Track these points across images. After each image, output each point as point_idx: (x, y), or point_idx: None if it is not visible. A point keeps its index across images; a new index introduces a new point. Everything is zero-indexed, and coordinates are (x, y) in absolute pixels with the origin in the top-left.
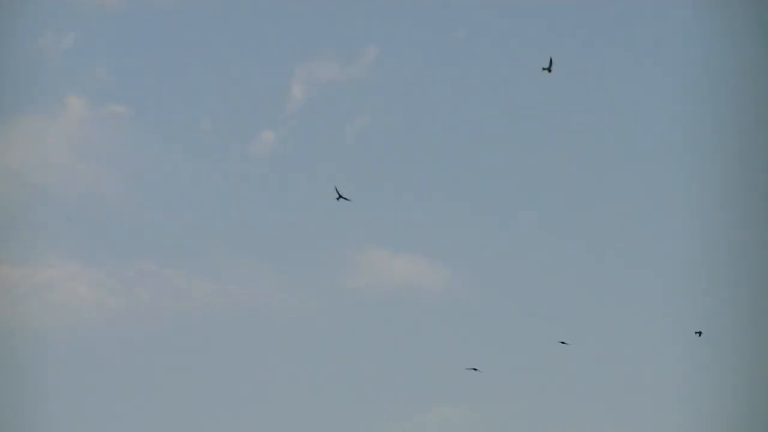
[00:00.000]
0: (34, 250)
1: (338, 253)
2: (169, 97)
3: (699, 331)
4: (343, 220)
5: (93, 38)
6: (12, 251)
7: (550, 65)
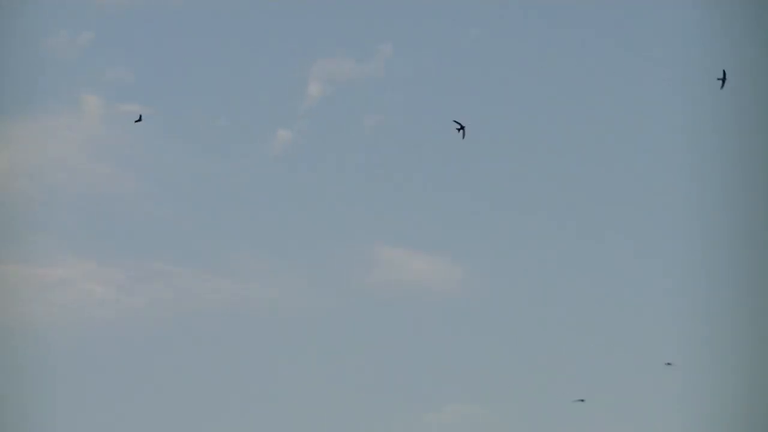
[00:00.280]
0: (48, 248)
1: (354, 251)
2: (184, 95)
3: (668, 363)
4: (359, 218)
5: (109, 37)
6: (26, 250)
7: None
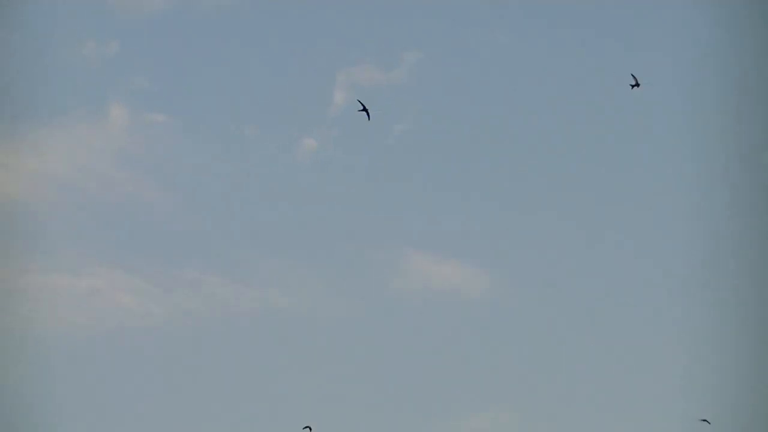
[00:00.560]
0: (75, 258)
1: (381, 258)
2: (210, 104)
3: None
4: (385, 225)
5: (135, 46)
6: (53, 259)
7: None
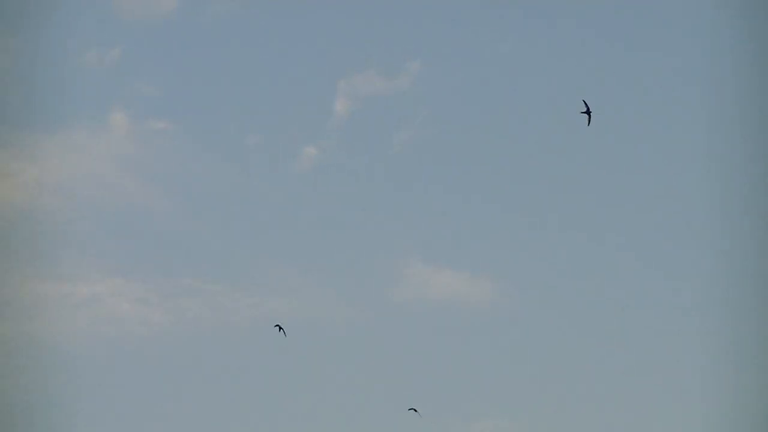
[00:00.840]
0: (76, 265)
1: (383, 267)
2: (212, 112)
3: None
4: (388, 233)
5: (137, 53)
6: (54, 266)
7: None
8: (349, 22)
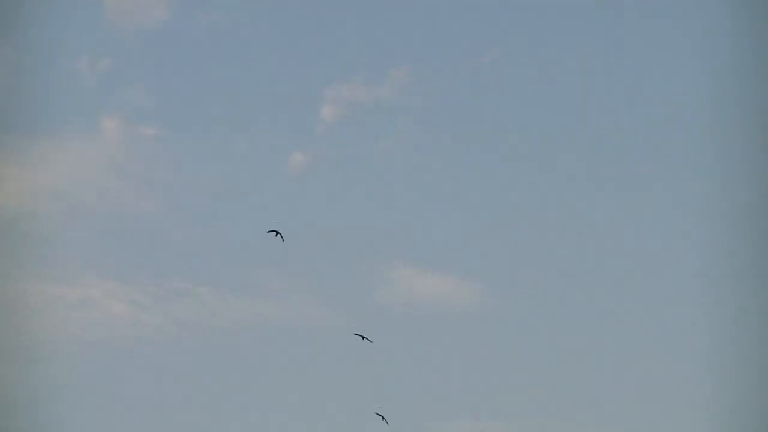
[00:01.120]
0: (69, 268)
1: (369, 270)
2: (201, 119)
3: None
4: (373, 237)
5: (129, 62)
6: (47, 269)
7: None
8: (335, 32)
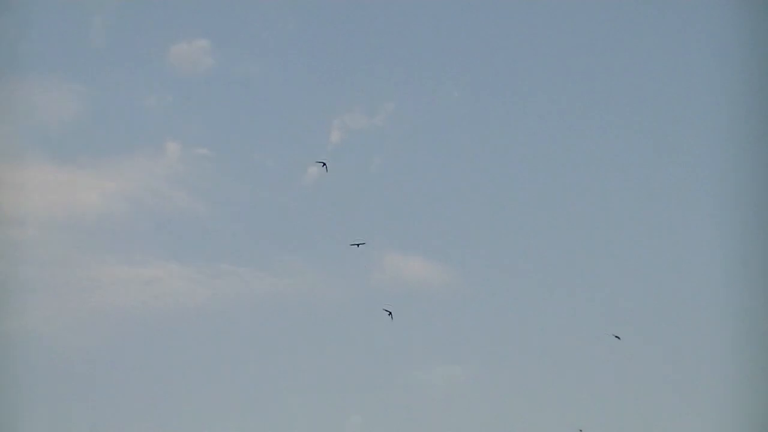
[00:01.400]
0: (143, 254)
1: (366, 256)
2: (239, 142)
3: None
4: (370, 230)
5: (185, 99)
6: (128, 255)
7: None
8: (341, 77)
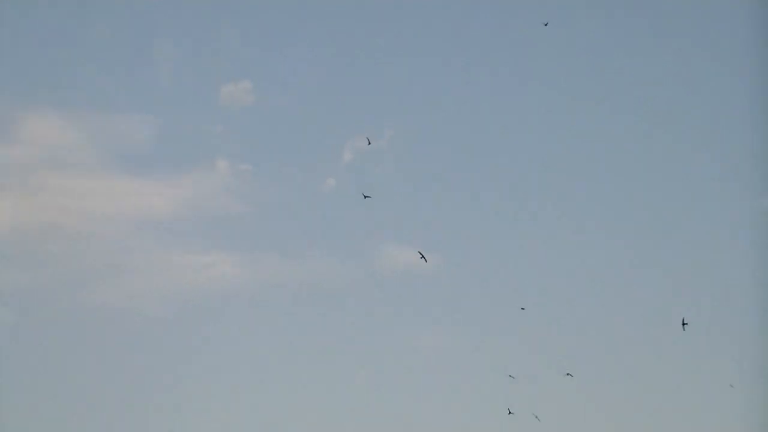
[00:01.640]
0: (199, 245)
1: (370, 247)
2: (273, 159)
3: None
4: (374, 227)
5: (232, 127)
6: (190, 246)
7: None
8: (350, 108)
